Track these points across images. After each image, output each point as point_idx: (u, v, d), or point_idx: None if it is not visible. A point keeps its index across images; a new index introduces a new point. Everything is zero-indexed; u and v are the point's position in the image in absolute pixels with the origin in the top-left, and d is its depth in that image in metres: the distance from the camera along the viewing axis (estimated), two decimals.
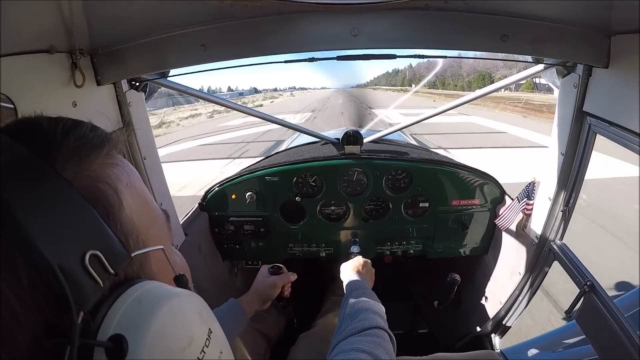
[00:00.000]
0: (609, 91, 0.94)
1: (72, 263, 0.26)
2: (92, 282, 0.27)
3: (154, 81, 1.17)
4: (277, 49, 0.95)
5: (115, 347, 0.26)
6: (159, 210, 0.40)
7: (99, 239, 0.28)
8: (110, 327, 0.27)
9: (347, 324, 0.80)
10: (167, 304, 0.29)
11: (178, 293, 0.32)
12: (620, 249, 3.68)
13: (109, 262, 0.28)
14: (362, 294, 0.95)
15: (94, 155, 0.32)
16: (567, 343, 1.55)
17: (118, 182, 0.32)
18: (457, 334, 1.82)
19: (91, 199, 0.29)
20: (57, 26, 0.79)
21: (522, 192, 1.36)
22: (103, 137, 0.34)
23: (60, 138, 0.31)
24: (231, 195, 1.62)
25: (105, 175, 0.32)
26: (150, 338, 0.27)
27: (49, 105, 0.81)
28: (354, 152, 1.57)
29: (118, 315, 0.27)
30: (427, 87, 70.90)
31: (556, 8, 0.87)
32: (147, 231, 0.35)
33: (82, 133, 0.33)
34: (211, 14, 0.89)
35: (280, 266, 1.26)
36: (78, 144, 0.31)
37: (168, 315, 0.29)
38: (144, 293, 0.30)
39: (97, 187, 0.31)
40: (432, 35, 0.92)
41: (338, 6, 0.89)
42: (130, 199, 0.34)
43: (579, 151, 1.10)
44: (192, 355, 0.29)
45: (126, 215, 0.32)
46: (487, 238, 1.68)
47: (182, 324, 0.30)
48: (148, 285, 0.31)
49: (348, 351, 0.69)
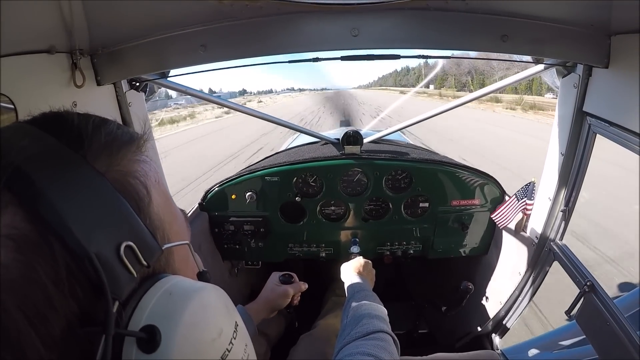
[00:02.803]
0: (609, 91, 0.94)
1: (108, 252, 0.26)
2: (126, 273, 0.27)
3: (154, 81, 1.17)
4: (277, 50, 0.95)
5: (148, 338, 0.26)
6: (178, 208, 0.41)
7: (132, 230, 0.29)
8: (142, 318, 0.27)
9: (350, 327, 0.80)
10: (197, 296, 0.30)
11: (206, 286, 0.32)
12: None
13: (142, 254, 0.29)
14: (364, 297, 0.95)
15: (124, 150, 0.32)
16: (567, 343, 1.55)
17: (147, 178, 0.33)
18: (457, 334, 1.82)
19: (123, 192, 0.30)
20: (57, 26, 0.79)
21: (520, 191, 1.36)
22: (131, 135, 0.35)
23: (91, 132, 0.31)
24: (231, 195, 1.62)
25: (135, 171, 0.32)
26: (183, 329, 0.27)
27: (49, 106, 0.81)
28: (354, 152, 1.57)
29: (150, 306, 0.28)
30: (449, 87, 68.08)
31: (556, 8, 0.87)
32: (170, 227, 0.35)
33: (111, 129, 0.33)
34: (211, 14, 0.89)
35: (291, 275, 1.23)
36: (109, 138, 0.32)
37: (199, 307, 0.29)
38: (173, 286, 0.30)
39: (128, 181, 0.31)
40: (432, 35, 0.92)
41: (338, 6, 0.89)
42: (157, 195, 0.34)
43: (579, 151, 1.10)
44: (222, 346, 0.30)
45: (154, 211, 0.33)
46: (487, 238, 1.68)
47: (212, 315, 0.30)
48: (176, 279, 0.31)
49: (354, 355, 0.69)
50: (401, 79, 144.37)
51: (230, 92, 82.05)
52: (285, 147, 2.75)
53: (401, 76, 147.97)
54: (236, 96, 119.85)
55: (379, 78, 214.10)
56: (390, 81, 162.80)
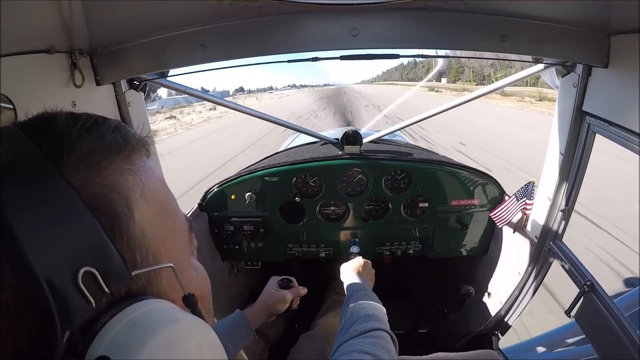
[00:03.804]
0: (609, 91, 0.94)
1: (62, 278, 0.24)
2: (82, 301, 0.25)
3: (154, 81, 1.17)
4: (276, 49, 0.95)
5: None
6: (182, 220, 0.37)
7: (97, 254, 0.26)
8: (100, 348, 0.25)
9: (349, 326, 0.80)
10: (162, 332, 0.27)
11: (179, 319, 0.29)
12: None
13: (104, 280, 0.26)
14: (363, 296, 0.94)
15: (109, 160, 0.30)
16: (567, 343, 1.55)
17: (131, 192, 0.30)
18: (457, 334, 1.82)
19: (97, 208, 0.27)
20: (57, 26, 0.79)
21: (520, 191, 1.36)
22: (122, 139, 0.32)
23: (75, 137, 0.29)
24: (231, 196, 1.62)
25: (117, 184, 0.29)
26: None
27: (49, 106, 0.80)
28: (353, 152, 1.57)
29: (110, 336, 0.25)
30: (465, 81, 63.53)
31: (556, 8, 0.87)
32: (161, 244, 0.32)
33: (101, 134, 0.30)
34: (210, 14, 0.89)
35: (290, 279, 1.21)
36: (93, 145, 0.29)
37: (160, 345, 0.26)
38: (141, 315, 0.27)
39: (106, 195, 0.28)
40: (431, 35, 0.93)
41: (337, 6, 0.89)
42: (145, 209, 0.31)
43: (579, 151, 1.10)
44: None
45: (136, 228, 0.30)
46: (487, 238, 1.68)
47: (174, 355, 0.27)
48: (149, 306, 0.28)
49: (350, 352, 0.69)
50: (408, 72, 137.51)
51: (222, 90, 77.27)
52: (284, 147, 2.75)
53: (408, 69, 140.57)
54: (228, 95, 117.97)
55: (383, 72, 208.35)
56: (396, 75, 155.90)
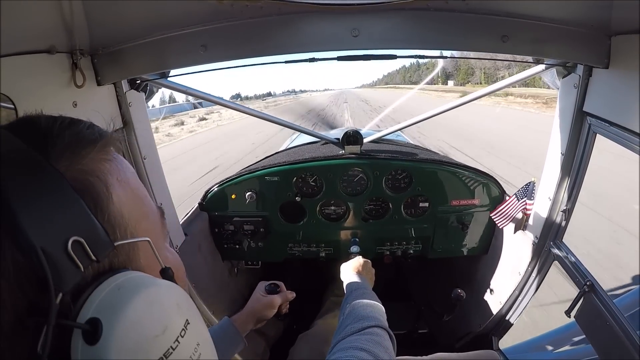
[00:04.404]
0: (609, 91, 0.94)
1: (55, 247, 0.28)
2: (73, 266, 0.28)
3: (154, 81, 1.17)
4: (277, 50, 0.95)
5: (90, 330, 0.27)
6: (154, 207, 0.41)
7: (83, 226, 0.30)
8: (90, 311, 0.28)
9: (346, 323, 0.80)
10: (144, 292, 0.31)
11: (158, 283, 0.33)
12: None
13: (91, 249, 0.30)
14: (361, 295, 0.94)
15: (87, 150, 0.34)
16: (567, 343, 1.55)
17: (109, 176, 0.34)
18: (457, 334, 1.82)
19: (80, 190, 0.31)
20: (58, 26, 0.79)
21: (521, 191, 1.36)
22: (98, 134, 0.36)
23: (56, 133, 0.33)
24: (231, 195, 1.62)
25: (97, 169, 0.33)
26: (124, 323, 0.28)
27: (50, 106, 0.81)
28: (354, 152, 1.57)
29: (98, 300, 0.29)
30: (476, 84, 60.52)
31: (556, 8, 0.87)
32: (137, 224, 0.36)
33: (78, 130, 0.35)
34: (211, 14, 0.89)
35: (277, 284, 1.18)
36: (73, 139, 0.33)
37: (143, 303, 0.30)
38: (125, 281, 0.31)
39: (88, 179, 0.32)
40: (432, 35, 0.92)
41: (338, 7, 0.89)
42: (122, 193, 0.35)
43: (579, 151, 1.10)
44: (165, 343, 0.30)
45: (115, 208, 0.34)
46: (487, 238, 1.68)
47: (157, 312, 0.31)
48: (131, 275, 0.32)
49: (346, 349, 0.69)
50: (411, 75, 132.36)
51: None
52: (285, 146, 2.75)
53: (411, 72, 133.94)
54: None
55: (384, 76, 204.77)
56: (398, 78, 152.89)
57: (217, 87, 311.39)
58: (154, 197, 1.24)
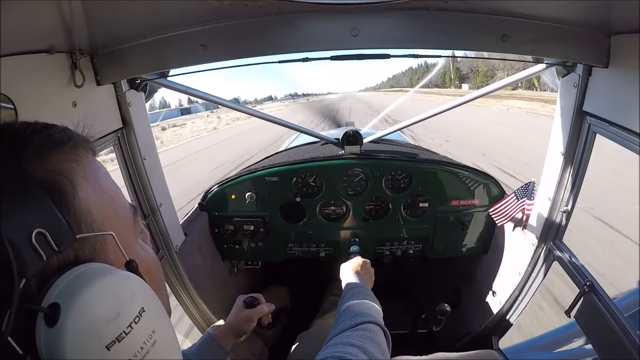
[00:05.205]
0: (609, 91, 0.94)
1: (20, 237, 0.30)
2: (35, 255, 0.31)
3: (154, 81, 1.17)
4: (276, 49, 0.95)
5: (50, 313, 0.30)
6: (125, 205, 0.44)
7: (47, 220, 0.33)
8: (52, 297, 0.31)
9: (341, 320, 0.80)
10: (100, 279, 0.33)
11: (116, 273, 0.36)
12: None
13: (54, 240, 0.32)
14: (358, 293, 0.94)
15: (55, 152, 0.37)
16: (567, 343, 1.55)
17: (75, 175, 0.37)
18: (457, 334, 1.82)
19: (47, 187, 0.34)
20: (57, 26, 0.79)
21: (520, 190, 1.36)
22: (67, 137, 0.39)
23: (28, 136, 0.36)
24: (231, 196, 1.62)
25: (64, 169, 0.36)
26: (79, 307, 0.31)
27: (49, 106, 0.81)
28: (353, 152, 1.57)
29: (59, 287, 0.32)
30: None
31: (556, 8, 0.87)
32: (106, 220, 0.39)
33: (49, 134, 0.38)
34: (211, 13, 0.89)
35: (255, 297, 1.15)
36: (42, 142, 0.36)
37: (98, 289, 0.33)
38: (86, 271, 0.34)
39: (55, 178, 0.35)
40: (432, 35, 0.92)
41: (338, 6, 0.88)
42: (90, 190, 0.38)
43: (579, 151, 1.10)
44: (117, 328, 0.33)
45: (81, 204, 0.36)
46: (487, 238, 1.68)
47: (110, 298, 0.33)
48: (94, 266, 0.35)
49: (337, 345, 0.68)
50: (419, 77, 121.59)
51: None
52: (285, 147, 2.75)
53: (419, 74, 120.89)
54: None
55: (389, 78, 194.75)
56: (405, 81, 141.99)
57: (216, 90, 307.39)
58: (154, 197, 1.24)
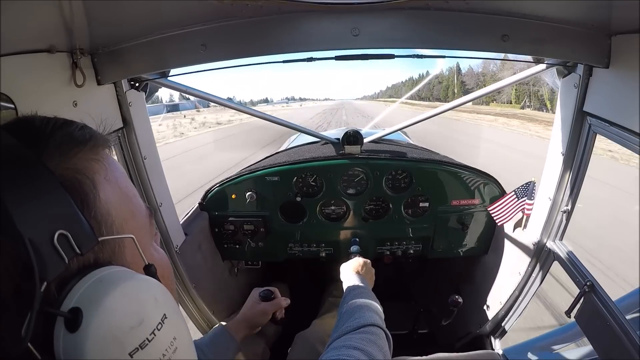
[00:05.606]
0: (610, 91, 0.94)
1: (41, 238, 0.29)
2: (57, 257, 0.30)
3: (154, 81, 1.17)
4: (277, 49, 0.95)
5: (71, 318, 0.29)
6: (142, 207, 0.43)
7: (70, 221, 0.32)
8: (72, 301, 0.30)
9: (342, 322, 0.80)
10: (123, 285, 0.32)
11: (138, 277, 0.34)
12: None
13: (76, 243, 0.31)
14: (359, 294, 0.94)
15: (77, 150, 0.35)
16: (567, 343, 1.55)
17: (96, 175, 0.36)
18: (457, 334, 1.82)
19: (69, 187, 0.33)
20: (58, 26, 0.79)
21: (520, 190, 1.36)
22: (89, 135, 0.38)
23: (49, 133, 0.35)
24: (231, 195, 1.62)
25: (85, 168, 0.35)
26: (102, 313, 0.30)
27: (50, 105, 0.81)
28: (354, 152, 1.57)
29: (80, 291, 0.30)
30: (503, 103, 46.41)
31: (557, 8, 0.87)
32: (124, 222, 0.38)
33: (70, 131, 0.36)
34: (211, 13, 0.89)
35: (271, 290, 1.17)
36: (64, 139, 0.35)
37: (121, 295, 0.32)
38: (107, 275, 0.33)
39: (76, 177, 0.34)
40: (432, 35, 0.92)
41: (339, 6, 0.88)
42: (109, 191, 0.37)
43: (579, 151, 1.10)
44: (141, 335, 0.32)
45: (102, 205, 0.35)
46: (487, 238, 1.68)
47: (134, 304, 0.32)
48: (114, 270, 0.34)
49: (340, 348, 0.68)
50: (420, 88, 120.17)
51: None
52: (285, 146, 2.75)
53: (420, 84, 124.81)
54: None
55: (387, 88, 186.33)
56: (404, 91, 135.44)
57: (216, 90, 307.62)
58: (154, 196, 1.24)
